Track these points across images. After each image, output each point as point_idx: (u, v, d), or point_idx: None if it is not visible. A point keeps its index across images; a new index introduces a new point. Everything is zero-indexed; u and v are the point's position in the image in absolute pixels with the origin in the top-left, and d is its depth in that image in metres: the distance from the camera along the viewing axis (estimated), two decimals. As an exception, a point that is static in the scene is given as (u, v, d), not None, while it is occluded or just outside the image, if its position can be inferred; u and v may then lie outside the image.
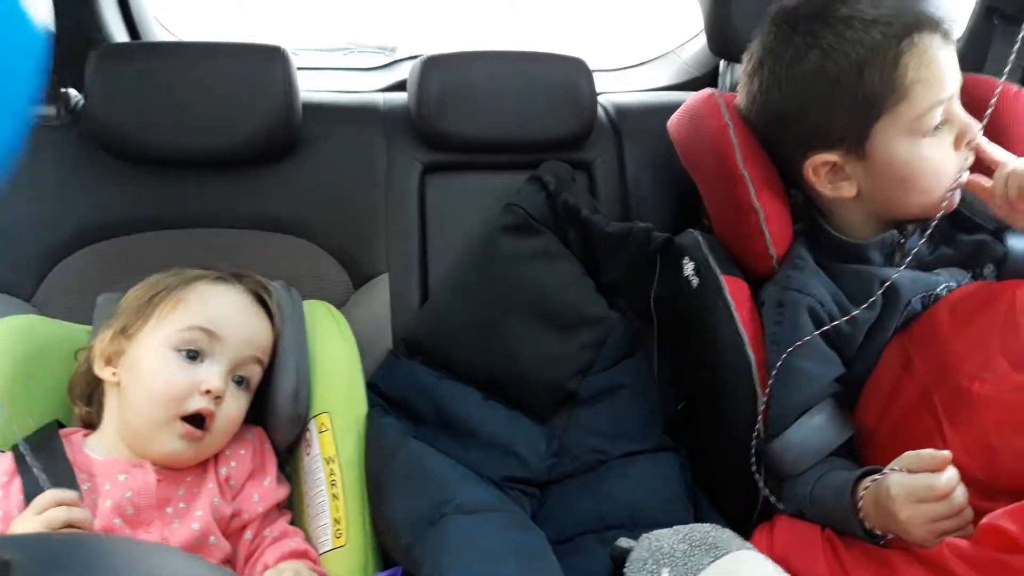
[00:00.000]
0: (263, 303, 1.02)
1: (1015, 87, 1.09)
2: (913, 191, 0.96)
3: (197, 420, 0.93)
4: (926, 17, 0.95)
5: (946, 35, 0.95)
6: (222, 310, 0.97)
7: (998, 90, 0.93)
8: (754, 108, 1.04)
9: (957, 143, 0.95)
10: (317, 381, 1.04)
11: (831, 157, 0.97)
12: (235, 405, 0.96)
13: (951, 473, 0.77)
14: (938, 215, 0.94)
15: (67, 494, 0.84)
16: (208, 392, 0.92)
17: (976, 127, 0.95)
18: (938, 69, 0.93)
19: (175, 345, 0.94)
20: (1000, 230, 0.99)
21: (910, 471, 0.79)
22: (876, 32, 0.93)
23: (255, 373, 0.99)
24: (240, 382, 0.97)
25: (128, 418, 0.94)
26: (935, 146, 0.94)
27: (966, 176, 0.97)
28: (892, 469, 0.81)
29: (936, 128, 0.94)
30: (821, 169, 0.99)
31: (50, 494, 0.83)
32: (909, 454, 0.80)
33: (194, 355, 0.94)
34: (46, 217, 1.18)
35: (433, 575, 0.82)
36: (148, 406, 0.92)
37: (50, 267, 1.18)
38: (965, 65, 1.02)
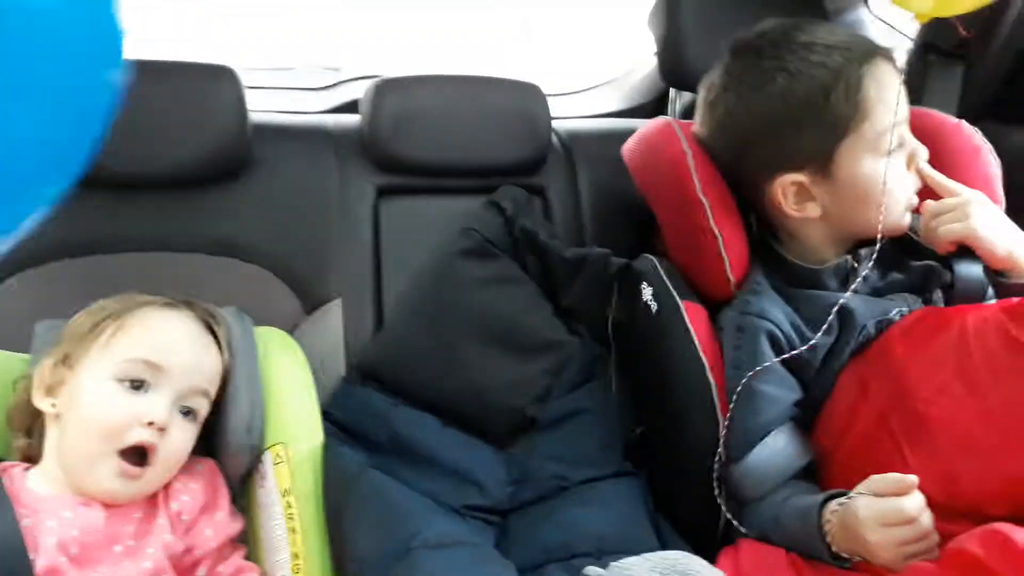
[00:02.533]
0: (212, 332, 0.98)
1: (952, 120, 1.14)
2: (875, 207, 0.98)
3: (138, 454, 0.89)
4: (878, 46, 1.01)
5: (895, 64, 1.01)
6: (168, 340, 0.93)
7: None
8: (717, 134, 1.06)
9: (908, 165, 1.01)
10: (271, 411, 1.00)
11: (799, 178, 1.00)
12: (181, 437, 0.92)
13: (918, 497, 0.78)
14: (878, 238, 0.98)
15: None
16: (151, 424, 0.88)
17: (923, 152, 1.01)
18: (894, 92, 0.98)
19: (117, 376, 0.90)
20: (946, 257, 1.02)
21: (877, 495, 0.80)
22: (837, 56, 0.97)
23: (202, 404, 0.95)
24: (187, 413, 0.93)
25: (65, 451, 0.90)
26: (893, 166, 0.98)
27: (915, 200, 1.02)
28: (859, 493, 0.82)
29: (892, 151, 0.98)
30: (789, 190, 1.01)
31: None
32: (875, 478, 0.82)
33: (138, 385, 0.90)
34: None
35: (402, 614, 0.80)
36: (86, 439, 0.88)
37: None
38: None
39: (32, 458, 0.94)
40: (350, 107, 1.47)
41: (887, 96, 0.97)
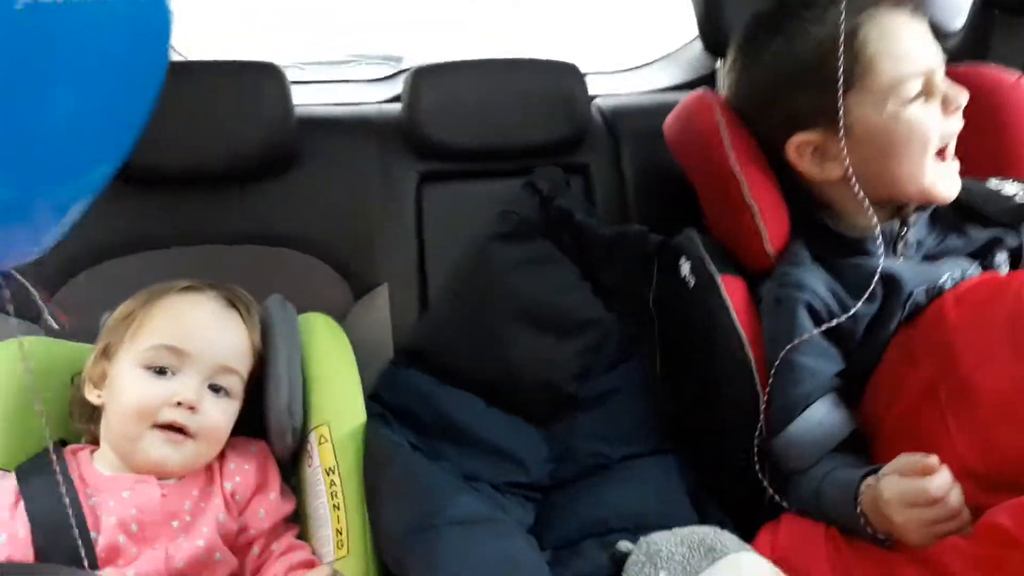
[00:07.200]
0: (237, 310, 1.02)
1: (1011, 75, 1.08)
2: (897, 158, 0.95)
3: (176, 430, 0.93)
4: None
5: (912, 10, 0.97)
6: (189, 324, 0.97)
7: None
8: (739, 101, 1.06)
9: (945, 110, 0.96)
10: (315, 393, 1.04)
11: (811, 136, 0.98)
12: (217, 412, 0.96)
13: (943, 477, 0.76)
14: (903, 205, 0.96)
15: None
16: (180, 404, 0.92)
17: (962, 96, 0.95)
18: (902, 42, 0.94)
19: (144, 363, 0.94)
20: (1016, 222, 0.98)
21: (902, 475, 0.78)
22: (834, 11, 0.94)
23: (232, 382, 0.98)
24: (218, 391, 0.97)
25: (111, 435, 0.95)
26: (914, 111, 0.94)
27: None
28: (884, 474, 0.80)
29: (914, 99, 0.94)
30: (804, 149, 0.99)
31: None
32: (902, 458, 0.80)
33: (163, 371, 0.94)
34: None
35: (421, 586, 0.82)
36: (124, 422, 0.93)
37: (57, 288, 1.20)
38: (967, 56, 1.01)
39: (98, 441, 1.00)
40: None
41: (893, 45, 0.94)
